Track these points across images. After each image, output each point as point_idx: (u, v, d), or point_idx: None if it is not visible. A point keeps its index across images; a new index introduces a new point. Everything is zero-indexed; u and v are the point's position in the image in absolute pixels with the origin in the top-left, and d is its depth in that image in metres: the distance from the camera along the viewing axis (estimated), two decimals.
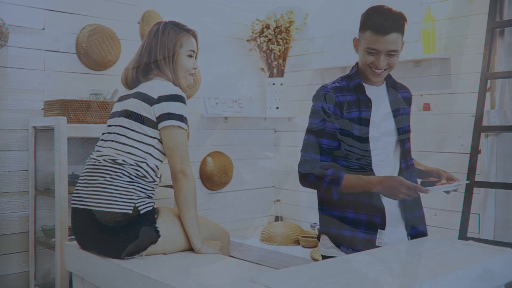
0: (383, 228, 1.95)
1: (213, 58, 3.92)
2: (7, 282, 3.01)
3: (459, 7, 3.35)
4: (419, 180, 2.09)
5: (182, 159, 1.87)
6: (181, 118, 1.87)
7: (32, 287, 3.03)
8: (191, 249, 1.92)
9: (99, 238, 1.82)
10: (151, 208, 1.85)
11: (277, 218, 4.27)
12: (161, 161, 1.94)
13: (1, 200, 2.99)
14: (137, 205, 1.81)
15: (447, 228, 3.36)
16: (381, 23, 1.89)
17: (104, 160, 1.87)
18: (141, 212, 1.81)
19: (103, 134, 2.00)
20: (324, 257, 2.09)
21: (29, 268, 3.06)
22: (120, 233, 1.77)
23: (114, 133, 1.92)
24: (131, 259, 1.80)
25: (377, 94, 2.06)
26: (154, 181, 1.91)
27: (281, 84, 4.09)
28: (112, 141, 1.91)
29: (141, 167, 1.86)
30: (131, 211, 1.79)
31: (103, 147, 1.93)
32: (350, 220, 2.02)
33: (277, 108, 4.09)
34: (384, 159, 2.03)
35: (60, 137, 2.78)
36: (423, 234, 2.09)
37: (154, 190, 1.93)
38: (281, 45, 3.98)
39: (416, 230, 2.08)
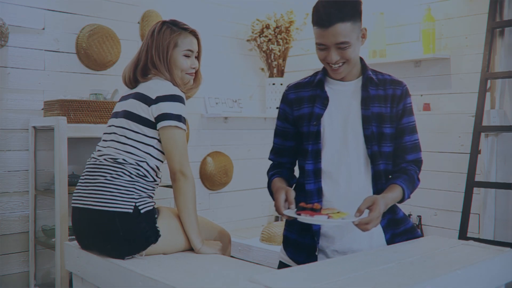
0: (318, 236, 1.82)
1: (213, 58, 3.92)
2: (7, 282, 3.01)
3: (459, 7, 3.35)
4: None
5: (181, 159, 1.87)
6: (179, 118, 1.86)
7: (32, 287, 3.03)
8: (191, 249, 1.92)
9: (99, 238, 1.82)
10: (151, 207, 1.85)
11: (277, 218, 4.27)
12: (162, 162, 1.94)
13: (1, 200, 2.99)
14: (137, 204, 1.81)
15: (447, 228, 3.36)
16: (322, 15, 1.71)
17: (104, 159, 1.87)
18: (142, 211, 1.81)
19: (104, 133, 2.00)
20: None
21: (29, 268, 3.06)
22: (121, 232, 1.77)
23: (114, 133, 1.92)
24: (131, 258, 1.80)
25: (345, 90, 1.86)
26: (155, 180, 1.91)
27: (281, 84, 4.09)
28: (113, 140, 1.91)
29: (142, 167, 1.86)
30: (131, 210, 1.79)
31: (104, 146, 1.94)
32: (296, 225, 1.90)
33: (277, 108, 4.10)
34: (339, 161, 1.82)
35: (60, 137, 2.77)
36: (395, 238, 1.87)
37: (154, 190, 1.93)
38: (281, 45, 3.98)
39: (389, 236, 1.86)
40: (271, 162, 2.05)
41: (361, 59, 1.89)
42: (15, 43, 3.03)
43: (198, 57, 2.09)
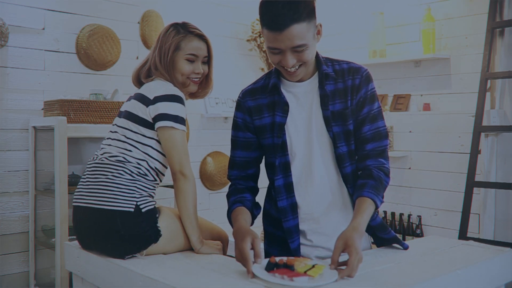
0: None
1: (213, 58, 3.91)
2: (7, 282, 3.01)
3: (459, 7, 3.35)
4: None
5: (180, 160, 1.87)
6: (176, 118, 1.85)
7: (32, 287, 3.03)
8: (191, 249, 1.92)
9: (100, 236, 1.82)
10: (152, 207, 1.85)
11: None
12: (163, 164, 1.92)
13: (1, 200, 2.99)
14: (138, 203, 1.81)
15: (447, 228, 3.36)
16: (274, 17, 1.52)
17: (106, 158, 1.88)
18: (143, 210, 1.81)
19: (109, 132, 2.00)
20: None
21: (29, 268, 3.06)
22: (121, 231, 1.78)
23: (116, 132, 1.93)
24: (132, 258, 1.80)
25: (303, 91, 1.70)
26: (155, 180, 1.91)
27: None
28: (115, 139, 1.92)
29: (142, 166, 1.86)
30: (132, 209, 1.79)
31: (107, 144, 1.94)
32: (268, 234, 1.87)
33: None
34: (310, 170, 1.70)
35: (60, 137, 2.77)
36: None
37: (155, 189, 1.93)
38: None
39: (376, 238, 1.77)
40: (230, 181, 1.89)
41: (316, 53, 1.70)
42: (15, 43, 3.03)
43: (209, 62, 2.08)
